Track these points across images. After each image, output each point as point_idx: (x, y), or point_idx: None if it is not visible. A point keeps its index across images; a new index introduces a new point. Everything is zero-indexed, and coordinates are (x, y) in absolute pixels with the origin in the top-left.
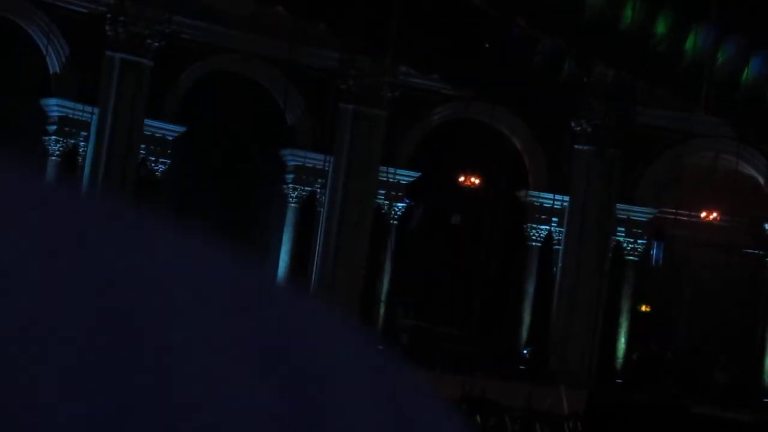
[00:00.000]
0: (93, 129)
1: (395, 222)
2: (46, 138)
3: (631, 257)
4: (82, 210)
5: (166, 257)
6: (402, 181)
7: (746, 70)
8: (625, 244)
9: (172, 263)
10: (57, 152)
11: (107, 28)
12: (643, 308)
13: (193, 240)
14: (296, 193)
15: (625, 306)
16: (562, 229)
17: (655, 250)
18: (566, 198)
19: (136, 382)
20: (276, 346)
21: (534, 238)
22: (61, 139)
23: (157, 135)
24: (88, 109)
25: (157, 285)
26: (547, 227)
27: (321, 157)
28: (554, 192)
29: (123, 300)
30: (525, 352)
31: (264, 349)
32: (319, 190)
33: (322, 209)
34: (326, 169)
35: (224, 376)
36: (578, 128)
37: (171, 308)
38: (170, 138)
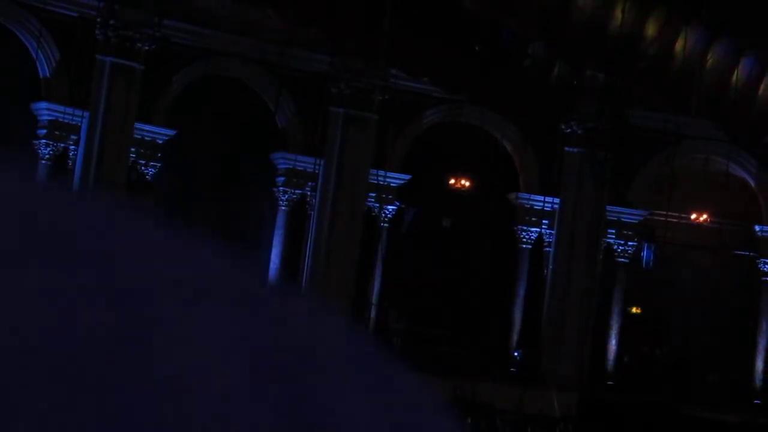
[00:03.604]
0: (83, 133)
1: (386, 225)
2: (37, 142)
3: (622, 259)
4: (74, 211)
5: (158, 256)
6: (393, 184)
7: (737, 72)
8: (615, 246)
9: (164, 262)
10: (47, 156)
11: (97, 32)
12: (634, 310)
13: (186, 240)
14: (287, 196)
15: (616, 308)
16: (552, 232)
17: (645, 252)
18: (557, 200)
19: (131, 380)
20: (270, 345)
21: (525, 240)
22: (51, 142)
23: (147, 138)
24: (79, 112)
25: (150, 283)
26: (538, 230)
27: (312, 160)
28: (545, 194)
29: (117, 297)
30: (516, 354)
31: (258, 347)
32: (309, 193)
33: (312, 212)
34: (317, 172)
35: (219, 374)
36: (569, 130)
37: (164, 306)
38: (161, 141)
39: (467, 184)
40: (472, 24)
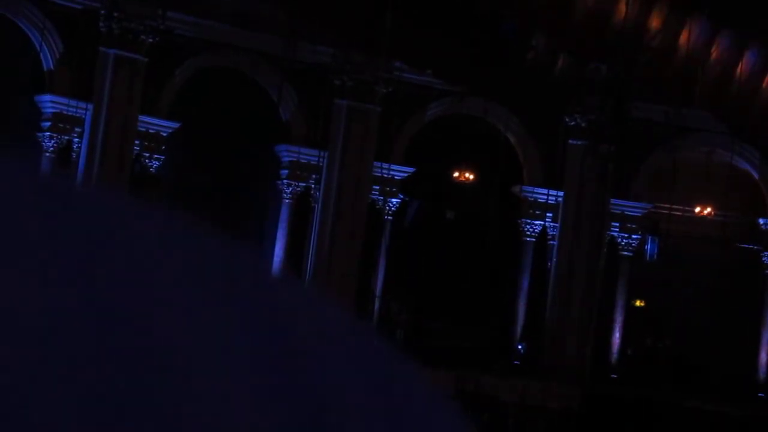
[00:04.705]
0: (87, 125)
1: (390, 217)
2: (41, 134)
3: (626, 252)
4: (77, 202)
5: (161, 247)
6: (396, 177)
7: (741, 65)
8: (619, 239)
9: (168, 253)
10: (51, 148)
11: (101, 24)
12: (638, 303)
13: (189, 230)
14: (291, 188)
15: (620, 301)
16: (556, 225)
17: (649, 245)
18: (561, 193)
19: (131, 373)
20: (272, 337)
21: (528, 233)
22: (55, 135)
23: (151, 131)
24: (83, 105)
25: (152, 275)
26: (542, 222)
27: (315, 152)
28: (549, 187)
29: (118, 290)
30: (519, 347)
31: (260, 339)
32: (313, 186)
33: (316, 205)
34: (320, 164)
35: (220, 365)
36: (572, 123)
37: (166, 297)
38: (165, 134)
39: (471, 176)
40: (474, 15)
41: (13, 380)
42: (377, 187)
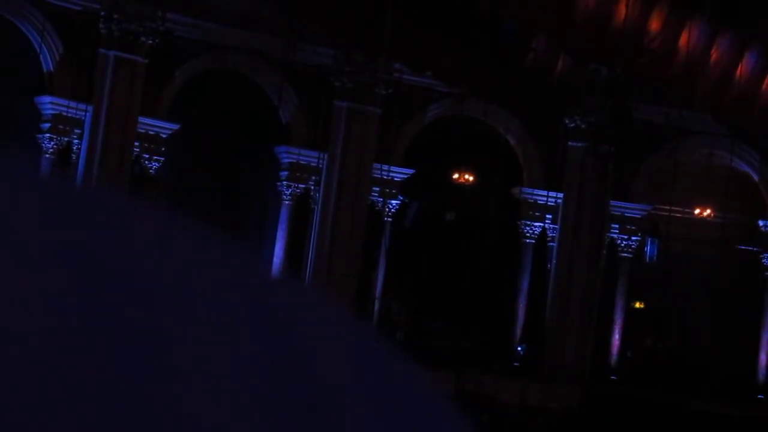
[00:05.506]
0: (87, 127)
1: (389, 219)
2: (40, 136)
3: (626, 254)
4: (77, 204)
5: (161, 248)
6: (396, 178)
7: (740, 66)
8: (619, 241)
9: (168, 254)
10: (51, 150)
11: (101, 25)
12: (638, 305)
13: (189, 232)
14: (290, 190)
15: (619, 302)
16: (556, 226)
17: (649, 247)
18: (560, 195)
19: (132, 374)
20: (273, 337)
21: (528, 234)
22: (55, 136)
23: (151, 132)
24: (82, 106)
25: (152, 276)
26: (542, 224)
27: (315, 154)
28: (548, 189)
29: (118, 291)
30: (519, 348)
31: (260, 340)
32: (313, 188)
33: (316, 206)
34: (320, 166)
35: (221, 365)
36: (572, 125)
37: (166, 298)
38: (164, 135)
39: (470, 178)
40: (474, 15)
41: (12, 380)
42: (377, 189)
